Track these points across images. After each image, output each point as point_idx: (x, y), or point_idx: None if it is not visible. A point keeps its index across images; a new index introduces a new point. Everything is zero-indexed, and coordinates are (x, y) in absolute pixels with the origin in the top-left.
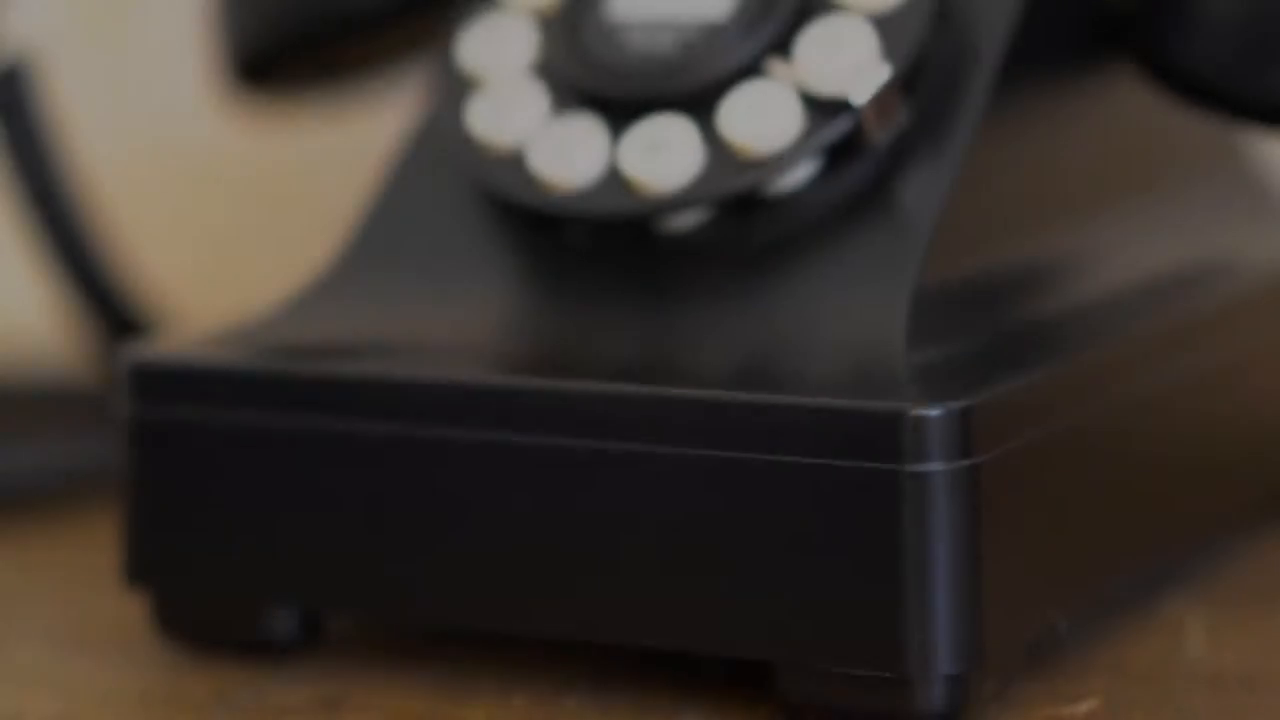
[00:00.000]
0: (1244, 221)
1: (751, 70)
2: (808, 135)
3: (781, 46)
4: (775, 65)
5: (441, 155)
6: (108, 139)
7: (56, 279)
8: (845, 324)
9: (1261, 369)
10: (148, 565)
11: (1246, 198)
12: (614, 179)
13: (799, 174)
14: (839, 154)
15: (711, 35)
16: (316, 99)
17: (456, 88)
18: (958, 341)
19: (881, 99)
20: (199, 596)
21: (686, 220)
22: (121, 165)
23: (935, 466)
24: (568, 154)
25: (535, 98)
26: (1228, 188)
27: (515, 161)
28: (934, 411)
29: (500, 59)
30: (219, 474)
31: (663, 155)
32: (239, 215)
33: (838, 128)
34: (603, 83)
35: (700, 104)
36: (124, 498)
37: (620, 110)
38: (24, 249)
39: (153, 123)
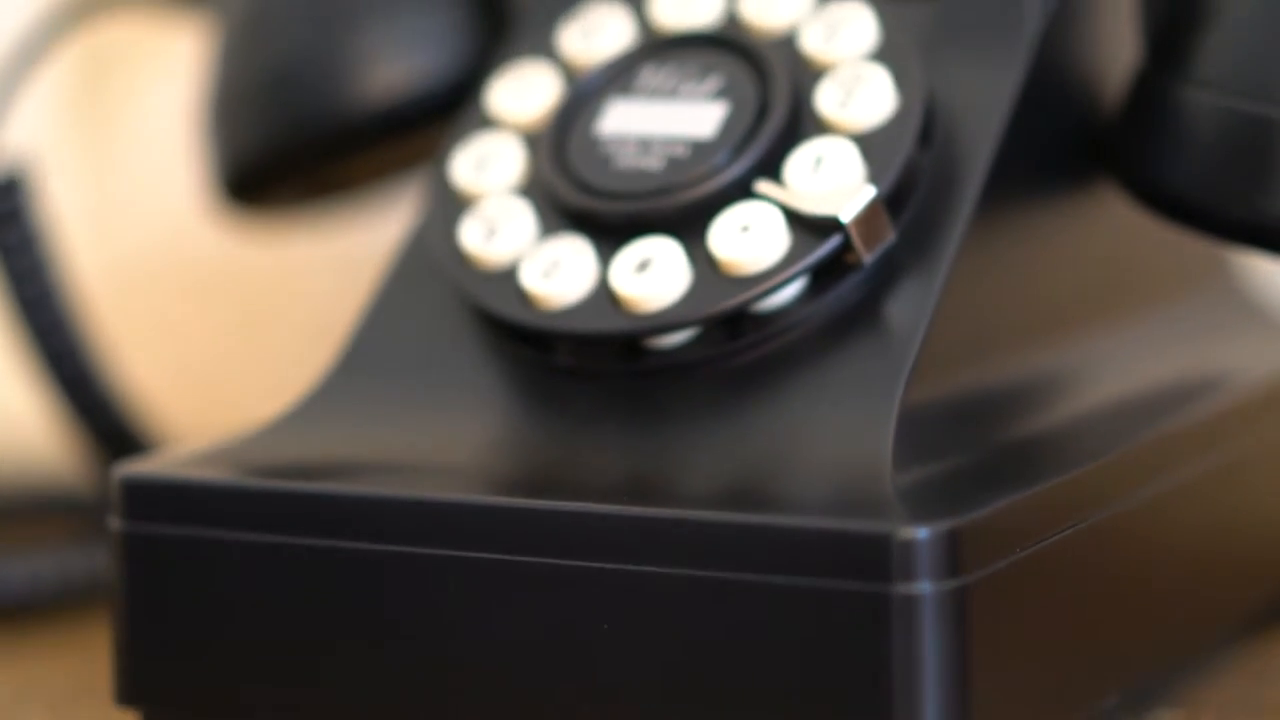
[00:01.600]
0: (1232, 334)
1: (740, 191)
2: (795, 255)
3: (769, 167)
4: (763, 186)
5: (432, 272)
6: (98, 250)
7: (50, 390)
8: (832, 442)
9: (1252, 479)
10: (139, 686)
11: (1234, 310)
12: (603, 297)
13: (787, 292)
14: (826, 272)
15: (699, 153)
16: (307, 214)
17: (447, 205)
18: (945, 460)
19: (868, 219)
20: (190, 718)
21: (675, 337)
22: (112, 276)
23: (923, 588)
24: (557, 272)
25: (525, 216)
26: (1215, 300)
27: (505, 279)
28: (921, 533)
29: (490, 177)
30: (210, 592)
31: (652, 274)
32: (230, 325)
33: (825, 248)
34: (591, 202)
35: (689, 223)
36: (115, 615)
37: (609, 229)
38: (18, 358)
39: (142, 233)
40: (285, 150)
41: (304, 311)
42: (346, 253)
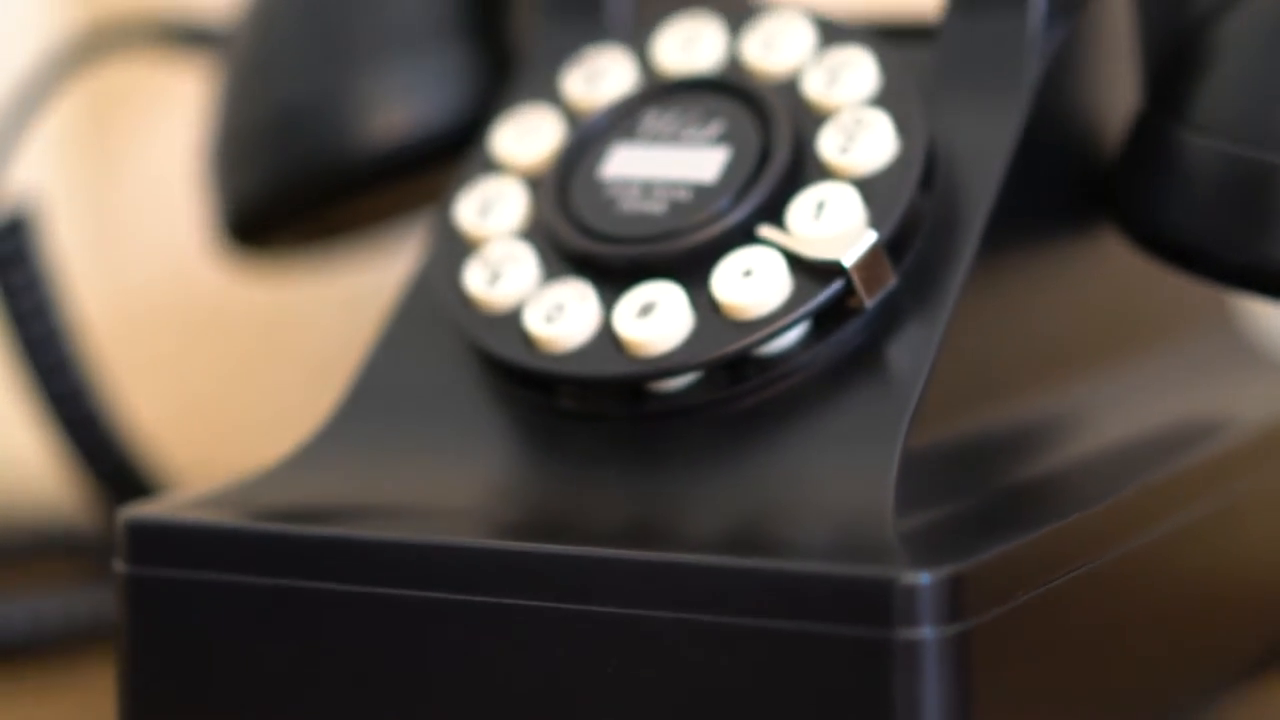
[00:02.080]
0: (1233, 377)
1: (742, 235)
2: (798, 300)
3: (771, 211)
4: (766, 230)
5: (436, 315)
6: (101, 289)
7: (54, 430)
8: (835, 486)
9: (1253, 523)
10: None
11: (1235, 353)
12: (606, 341)
13: (789, 336)
14: (828, 316)
15: (702, 198)
16: (311, 257)
17: (451, 248)
18: (947, 504)
19: (870, 263)
20: None
21: (678, 381)
22: (114, 315)
23: (926, 633)
24: (560, 316)
25: (528, 259)
26: (1216, 343)
27: (509, 322)
28: (923, 578)
29: (494, 220)
30: (215, 636)
31: (655, 319)
32: (233, 363)
33: (827, 292)
34: (594, 246)
35: (692, 268)
36: (119, 657)
37: (612, 273)
38: (22, 397)
39: (145, 272)
40: (288, 193)
41: (307, 350)
42: (350, 291)
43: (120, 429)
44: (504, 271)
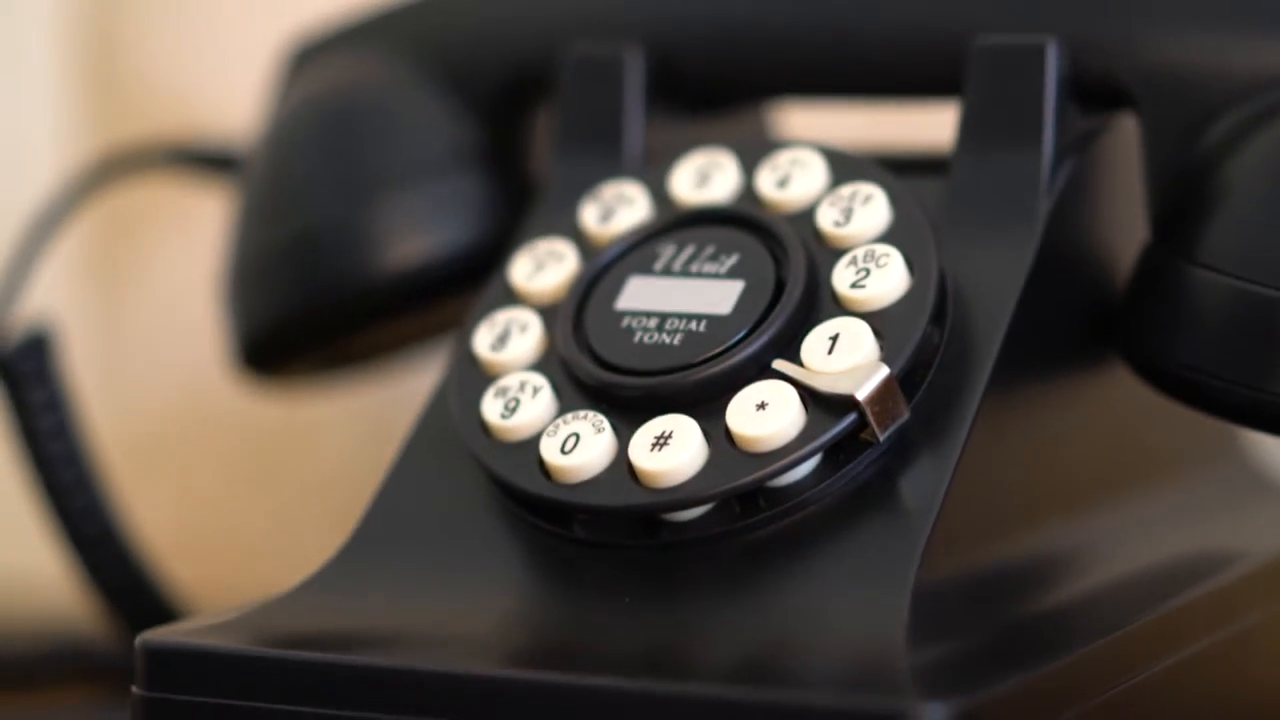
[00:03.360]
0: (1244, 508)
1: (757, 368)
2: (811, 432)
3: (785, 344)
4: (780, 363)
5: (452, 442)
6: (113, 409)
7: (70, 548)
8: (848, 618)
9: (1266, 653)
10: None
11: (1246, 484)
12: (622, 471)
13: (803, 468)
14: (841, 449)
15: (716, 330)
16: (328, 381)
17: (468, 376)
18: (961, 636)
19: (883, 397)
20: None
21: (692, 512)
22: (126, 436)
23: None
24: (576, 446)
25: (545, 390)
26: (1227, 475)
27: (525, 452)
28: (937, 710)
29: (511, 350)
30: None
31: (670, 450)
32: (247, 483)
33: (840, 426)
34: (610, 378)
35: (707, 400)
36: None
37: (628, 405)
38: (38, 514)
39: (159, 393)
40: (304, 321)
41: (320, 466)
42: (364, 407)
43: (135, 547)
44: (520, 402)
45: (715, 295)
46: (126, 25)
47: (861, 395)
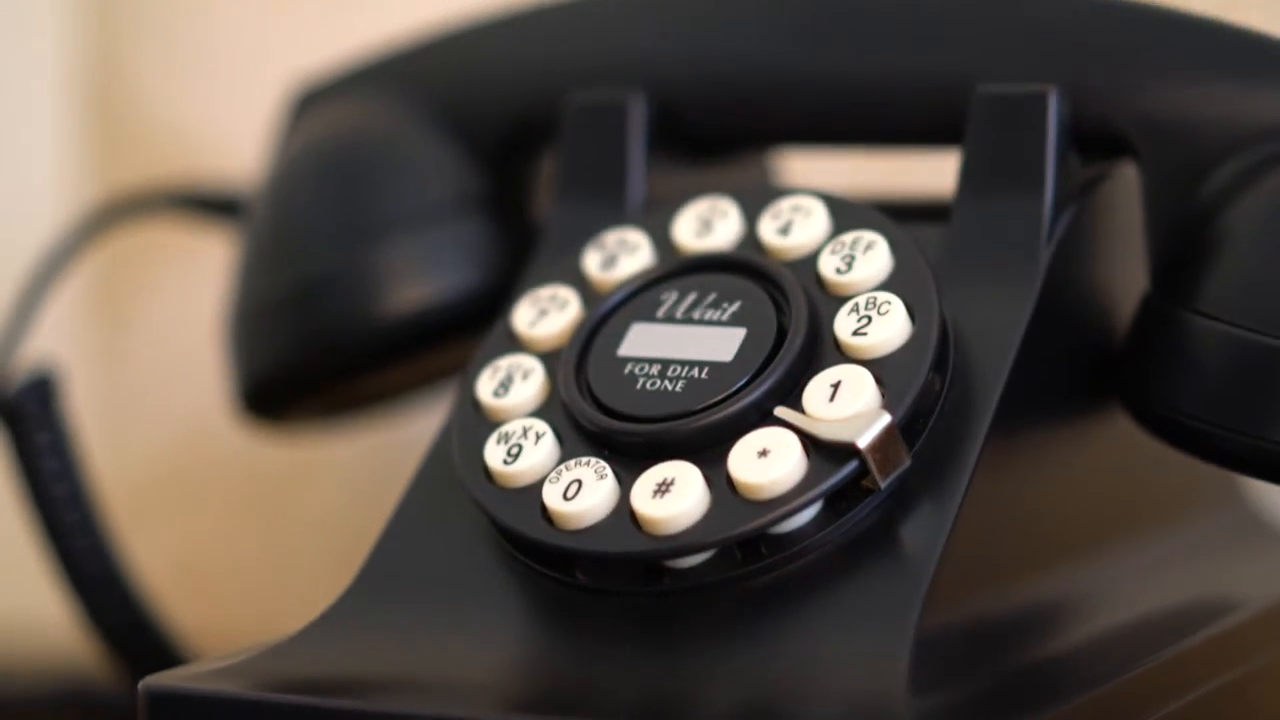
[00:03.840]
0: (1245, 554)
1: (758, 415)
2: (812, 480)
3: (787, 391)
4: (781, 410)
5: (454, 488)
6: (114, 452)
7: (72, 589)
8: (849, 666)
9: (1266, 699)
10: None
11: (1246, 530)
12: (623, 518)
13: (804, 515)
14: (843, 496)
15: (718, 377)
16: (330, 427)
17: (470, 422)
18: (962, 684)
19: (884, 445)
20: None
21: (694, 558)
22: (127, 478)
23: None
24: (578, 493)
25: (547, 436)
26: (1227, 521)
27: (527, 498)
28: None
29: (513, 396)
30: None
31: (672, 497)
32: (248, 525)
33: (842, 473)
34: (612, 425)
35: (708, 447)
36: None
37: (630, 451)
38: (41, 555)
39: (158, 437)
40: (306, 367)
41: (324, 511)
42: (367, 453)
43: (137, 588)
44: (523, 448)
45: (717, 342)
46: (129, 69)
47: (863, 443)
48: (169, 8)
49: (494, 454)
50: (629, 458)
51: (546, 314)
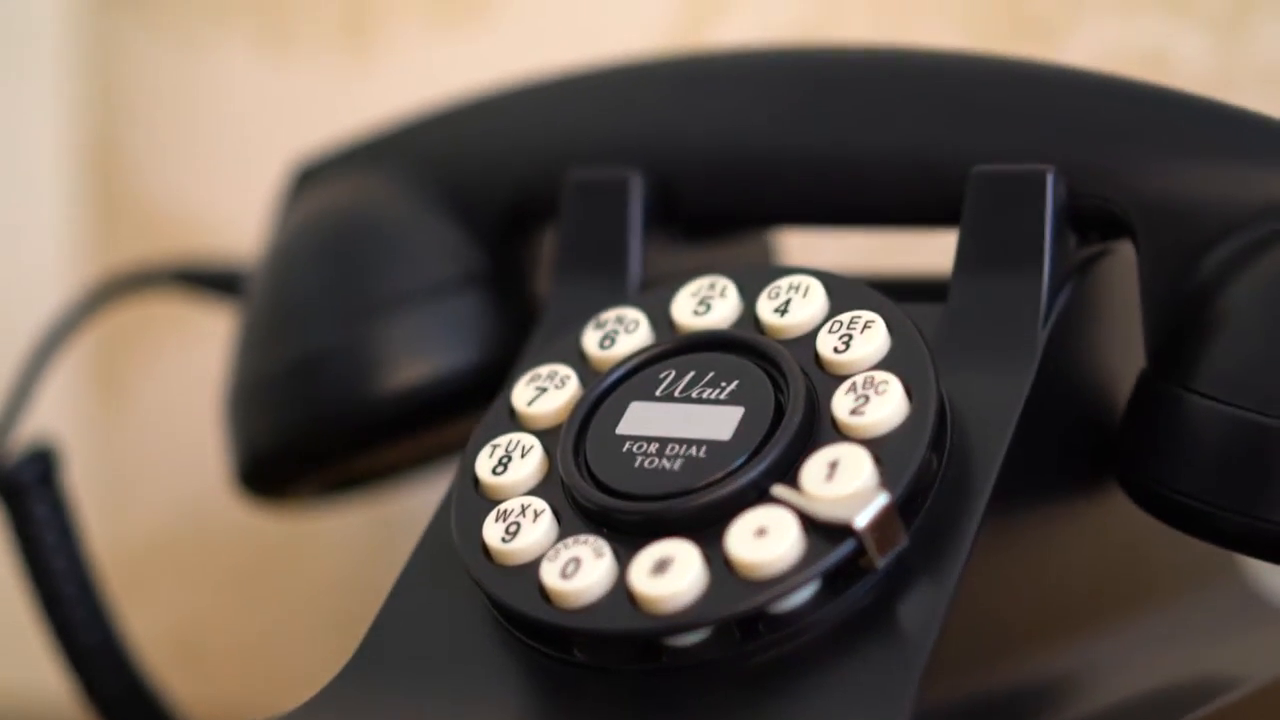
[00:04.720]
0: (1242, 632)
1: (756, 494)
2: (810, 559)
3: (785, 470)
4: (779, 489)
5: (452, 565)
6: (111, 525)
7: (70, 661)
8: None
9: None
10: None
11: (1244, 607)
12: (621, 597)
13: (801, 594)
14: (840, 575)
15: (716, 456)
16: (328, 504)
17: (469, 500)
18: None
19: (881, 524)
20: None
21: (691, 636)
22: (127, 550)
23: None
24: (576, 571)
25: (545, 514)
26: (1225, 598)
27: (525, 576)
28: None
29: (512, 474)
30: None
31: (670, 576)
32: (245, 597)
33: (839, 553)
34: (610, 503)
35: (706, 525)
36: None
37: (628, 529)
38: (39, 627)
39: (155, 509)
40: (305, 444)
41: (322, 584)
42: (365, 526)
43: (135, 660)
44: (521, 526)
45: (715, 421)
46: (129, 148)
47: (860, 523)
48: (169, 88)
49: (492, 532)
50: (627, 536)
51: (545, 392)
